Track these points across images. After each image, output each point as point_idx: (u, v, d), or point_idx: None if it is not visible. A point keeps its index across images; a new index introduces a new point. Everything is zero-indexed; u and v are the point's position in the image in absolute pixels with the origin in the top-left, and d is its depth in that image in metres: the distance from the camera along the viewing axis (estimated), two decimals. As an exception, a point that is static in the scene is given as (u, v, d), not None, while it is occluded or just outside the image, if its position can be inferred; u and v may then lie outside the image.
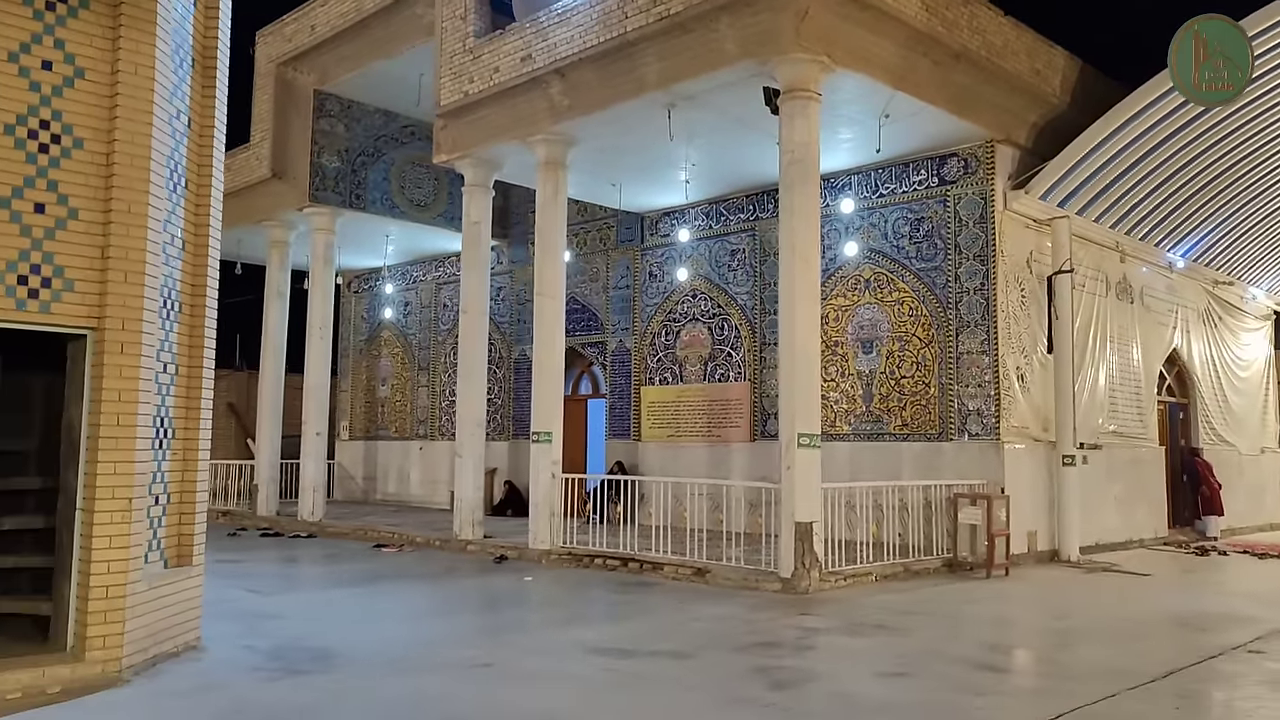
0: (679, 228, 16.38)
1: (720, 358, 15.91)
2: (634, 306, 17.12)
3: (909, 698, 6.15)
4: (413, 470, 20.96)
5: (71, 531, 6.20)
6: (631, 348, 17.09)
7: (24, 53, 5.94)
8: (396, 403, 21.63)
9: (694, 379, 16.23)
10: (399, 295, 21.71)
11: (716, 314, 16.01)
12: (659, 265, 16.87)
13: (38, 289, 5.93)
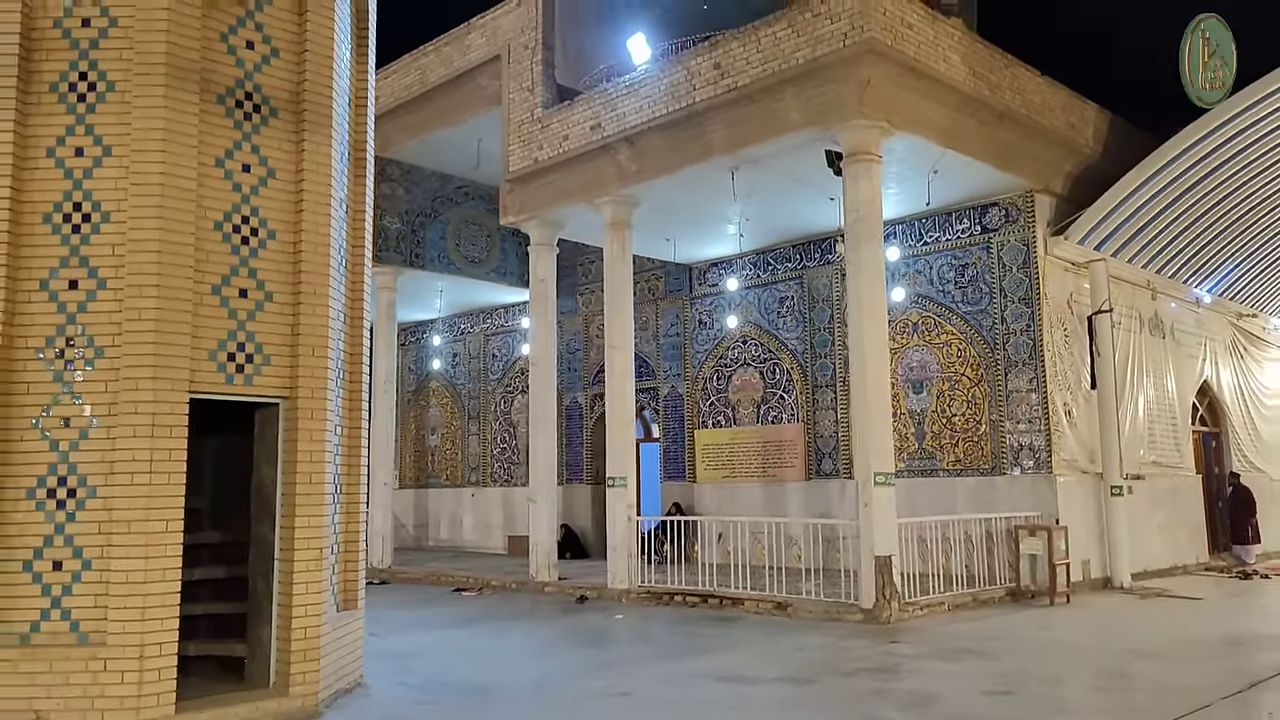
0: (727, 277, 17.06)
1: (773, 400, 16.56)
2: (685, 353, 17.79)
3: (1019, 714, 6.80)
4: (465, 516, 21.52)
5: (268, 580, 6.89)
6: (684, 393, 17.75)
7: (228, 158, 6.75)
8: (447, 451, 22.23)
9: (747, 421, 16.86)
10: (447, 347, 22.39)
11: (767, 358, 16.71)
12: (708, 313, 17.55)
13: (243, 364, 6.70)
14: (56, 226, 6.34)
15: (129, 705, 5.95)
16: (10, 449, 6.12)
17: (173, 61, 6.46)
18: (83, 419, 6.20)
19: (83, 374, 6.24)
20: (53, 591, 6.08)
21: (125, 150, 6.38)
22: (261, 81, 6.97)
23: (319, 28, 7.21)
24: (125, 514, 6.09)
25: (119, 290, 6.28)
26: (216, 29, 6.76)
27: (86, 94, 6.46)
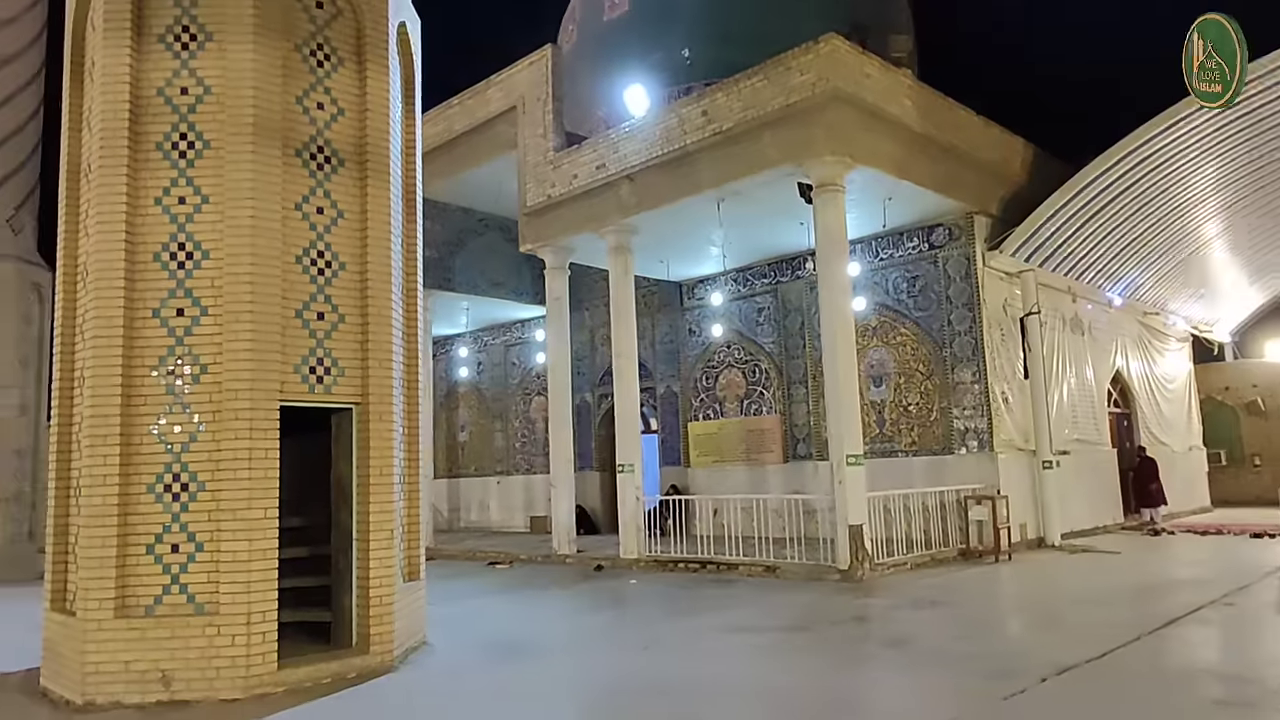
0: (712, 291, 17.06)
1: (754, 396, 16.67)
2: (678, 357, 17.85)
3: (986, 649, 6.99)
4: (492, 501, 21.58)
5: (348, 557, 7.03)
6: (678, 391, 17.84)
7: (305, 202, 6.90)
8: (475, 445, 22.27)
9: (732, 414, 16.95)
10: (472, 357, 22.47)
11: (748, 360, 16.83)
12: (697, 323, 17.60)
13: (322, 376, 6.85)
14: (165, 263, 6.48)
15: (239, 664, 6.10)
16: (132, 452, 6.28)
17: (258, 122, 6.63)
18: (192, 425, 6.35)
19: (190, 387, 6.39)
20: (172, 570, 6.23)
21: (221, 198, 6.54)
22: (331, 137, 7.11)
23: (376, 91, 7.36)
24: (230, 503, 6.24)
25: (219, 316, 6.43)
26: (293, 93, 6.91)
27: (187, 151, 6.61)
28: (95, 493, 6.21)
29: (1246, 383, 22.89)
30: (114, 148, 6.50)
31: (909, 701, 5.56)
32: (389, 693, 6.25)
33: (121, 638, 6.08)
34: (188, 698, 6.02)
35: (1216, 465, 21.73)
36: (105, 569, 6.13)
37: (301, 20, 7.03)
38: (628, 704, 5.77)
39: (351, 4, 7.31)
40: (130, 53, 6.60)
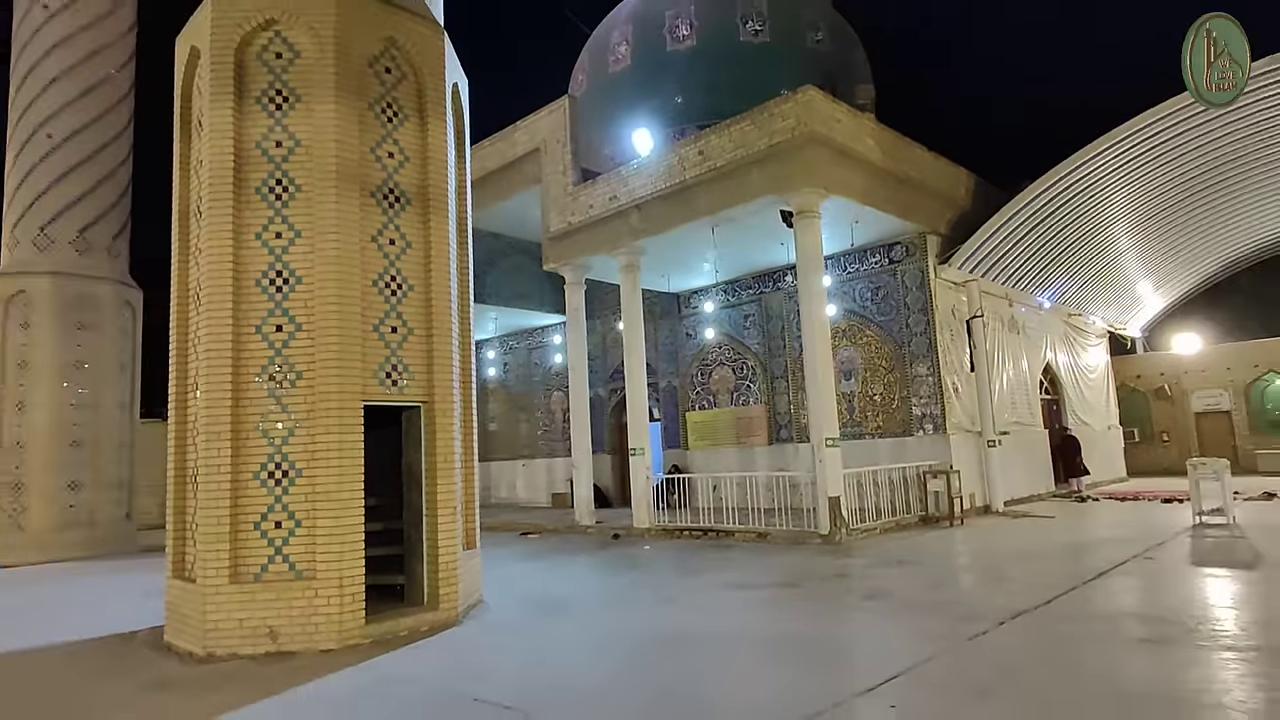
0: (705, 301, 17.33)
1: (742, 389, 16.87)
2: (677, 357, 18.00)
3: (950, 598, 7.20)
4: (518, 481, 21.73)
5: (419, 530, 7.21)
6: (677, 385, 17.99)
7: (379, 235, 7.05)
8: (503, 434, 22.40)
9: (724, 404, 17.14)
10: (499, 358, 22.61)
11: (737, 359, 17.01)
12: (693, 328, 17.79)
13: (396, 379, 7.02)
14: (265, 288, 6.64)
15: (334, 620, 6.28)
16: (241, 446, 6.44)
17: (340, 169, 6.80)
18: (290, 422, 6.51)
19: (288, 391, 6.54)
20: (276, 543, 6.39)
21: (311, 232, 6.69)
22: (399, 180, 7.27)
23: (435, 142, 7.52)
24: (324, 487, 6.41)
25: (311, 332, 6.59)
26: (368, 144, 7.07)
27: (281, 194, 6.77)
28: (211, 480, 6.38)
29: (1155, 371, 23.16)
30: (221, 192, 6.67)
31: (891, 643, 5.71)
32: (456, 642, 6.41)
33: (235, 600, 6.25)
34: (291, 649, 6.19)
35: (1131, 441, 22.01)
36: (220, 543, 6.30)
37: (374, 83, 7.20)
38: (657, 649, 5.93)
39: (414, 69, 7.48)
40: (233, 113, 6.76)
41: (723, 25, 18.43)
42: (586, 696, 4.86)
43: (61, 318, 15.49)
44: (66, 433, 15.37)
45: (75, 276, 15.73)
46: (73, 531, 15.26)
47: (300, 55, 6.90)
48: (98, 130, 16.38)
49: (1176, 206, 16.22)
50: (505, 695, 4.86)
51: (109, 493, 15.87)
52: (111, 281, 16.29)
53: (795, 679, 4.94)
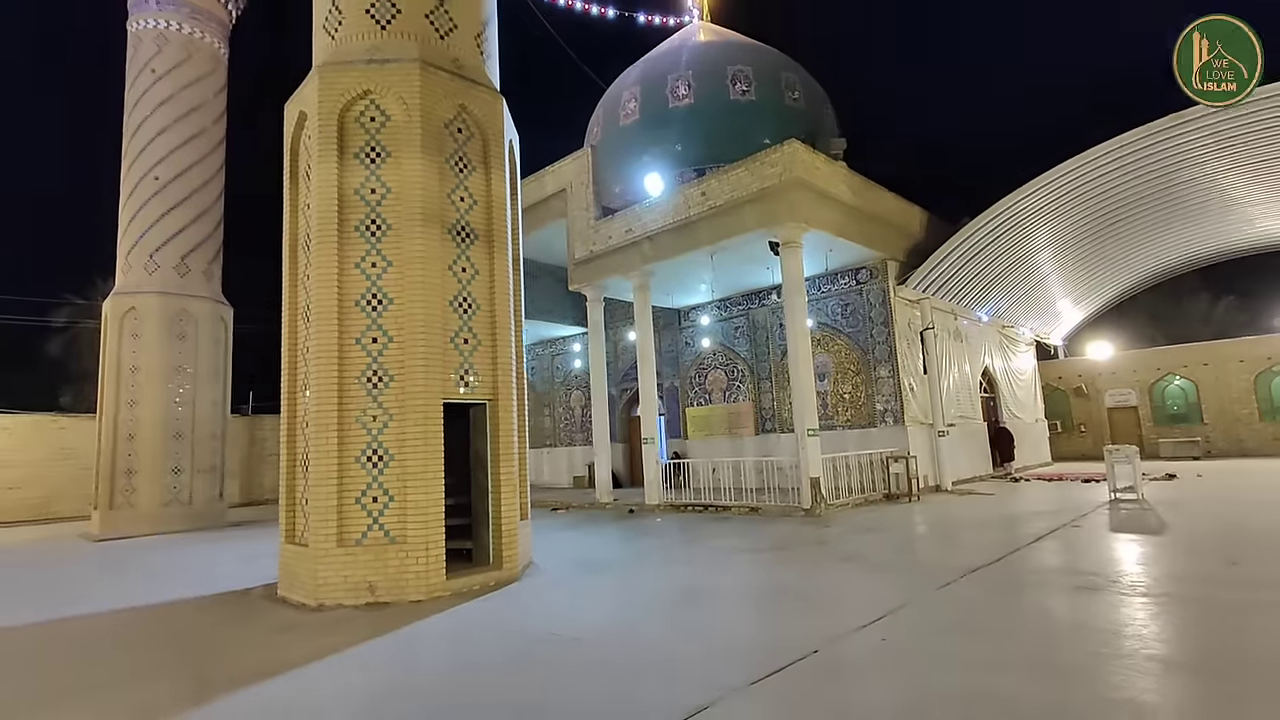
0: (702, 315, 17.67)
1: (733, 388, 17.17)
2: (678, 362, 18.26)
3: (915, 559, 7.47)
4: (544, 465, 21.91)
5: (484, 504, 7.48)
6: (678, 385, 18.23)
7: (454, 264, 7.35)
8: (531, 426, 22.58)
9: (718, 401, 17.40)
10: (528, 363, 22.84)
11: (728, 364, 17.30)
12: (691, 337, 18.09)
13: (468, 381, 7.32)
14: (363, 308, 6.94)
15: (421, 577, 6.56)
16: (346, 435, 6.72)
17: (424, 211, 7.11)
18: (385, 416, 6.80)
19: (383, 391, 6.84)
20: (373, 514, 6.67)
21: (400, 263, 7.00)
22: (469, 220, 7.58)
23: (497, 188, 7.84)
24: (413, 468, 6.69)
25: (401, 343, 6.90)
26: (445, 191, 7.38)
27: (376, 231, 7.07)
28: (321, 464, 6.67)
29: (1073, 373, 23.54)
30: (327, 230, 6.97)
31: (871, 592, 5.99)
32: (520, 594, 6.69)
33: (341, 560, 6.54)
34: (386, 600, 6.48)
35: (1055, 432, 22.33)
36: (329, 514, 6.59)
37: (449, 142, 7.52)
38: (682, 598, 6.22)
39: (480, 129, 7.80)
40: (337, 166, 7.07)
41: (715, 87, 18.78)
42: (631, 633, 5.16)
43: (166, 330, 15.74)
44: (169, 426, 15.61)
45: (177, 295, 15.99)
46: (174, 508, 15.49)
47: (391, 119, 7.22)
48: (196, 173, 16.66)
49: (1089, 238, 16.61)
50: (569, 631, 5.17)
51: (203, 476, 16.10)
52: (207, 300, 16.54)
53: (798, 621, 5.25)
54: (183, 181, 16.41)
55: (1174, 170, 13.81)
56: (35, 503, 19.92)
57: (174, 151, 16.39)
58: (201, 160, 16.81)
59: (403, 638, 5.38)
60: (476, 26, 8.07)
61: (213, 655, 5.19)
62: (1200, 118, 12.04)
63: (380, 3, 7.48)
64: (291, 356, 7.47)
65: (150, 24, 16.72)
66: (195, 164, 16.68)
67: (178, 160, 16.42)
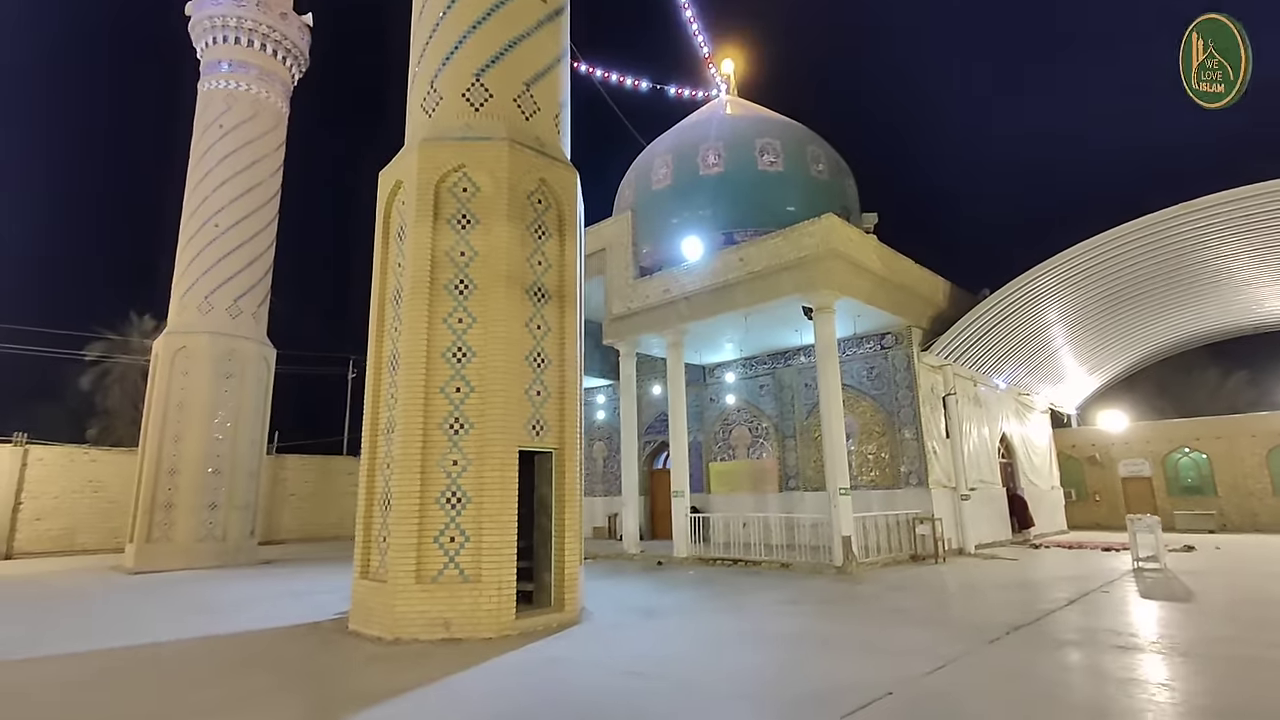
0: (727, 372, 18.25)
1: (756, 445, 17.55)
2: (703, 417, 18.68)
3: (959, 616, 7.73)
4: (563, 515, 22.13)
5: (548, 548, 7.89)
6: (702, 440, 18.63)
7: (530, 322, 7.96)
8: (551, 476, 22.88)
9: (741, 456, 17.84)
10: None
11: (753, 421, 17.74)
12: (716, 394, 18.57)
13: (539, 430, 7.83)
14: (448, 359, 7.52)
15: (493, 615, 6.93)
16: (428, 478, 7.20)
17: (508, 273, 7.77)
18: (464, 461, 7.29)
19: (463, 437, 7.35)
20: (449, 553, 7.09)
21: (484, 319, 7.61)
22: (544, 282, 8.24)
23: (569, 253, 8.52)
24: (489, 511, 7.14)
25: (482, 393, 7.44)
26: (525, 255, 8.07)
27: (463, 290, 7.72)
28: (403, 503, 7.14)
29: (1087, 442, 23.88)
30: (420, 287, 7.63)
31: (925, 644, 6.30)
32: (586, 635, 7.02)
33: (418, 596, 6.93)
34: (460, 636, 6.84)
35: (1070, 500, 22.54)
36: (409, 552, 7.02)
37: (530, 211, 8.26)
38: (743, 642, 6.56)
39: (556, 200, 8.56)
40: (430, 230, 7.79)
41: (745, 157, 19.87)
42: (702, 672, 5.52)
43: (214, 369, 16.36)
44: (209, 462, 16.05)
45: (228, 336, 16.68)
46: (207, 544, 15.78)
47: (481, 190, 7.98)
48: (251, 222, 17.60)
49: (1102, 312, 17.27)
50: (649, 668, 5.54)
51: (238, 513, 16.43)
52: (254, 341, 17.23)
53: (865, 666, 5.62)
54: (240, 229, 17.34)
55: (1184, 253, 14.58)
56: (57, 534, 20.17)
57: (234, 201, 17.37)
58: (258, 210, 17.78)
59: (491, 669, 5.75)
60: (555, 109, 8.94)
61: (318, 682, 5.56)
62: (1209, 207, 12.87)
63: (475, 88, 8.35)
64: (374, 402, 8.01)
65: (221, 84, 17.97)
66: (252, 213, 17.64)
67: (237, 209, 17.38)
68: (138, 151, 44.48)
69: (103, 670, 6.02)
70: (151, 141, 45.25)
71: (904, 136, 49.23)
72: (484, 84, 8.35)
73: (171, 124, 23.05)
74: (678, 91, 24.78)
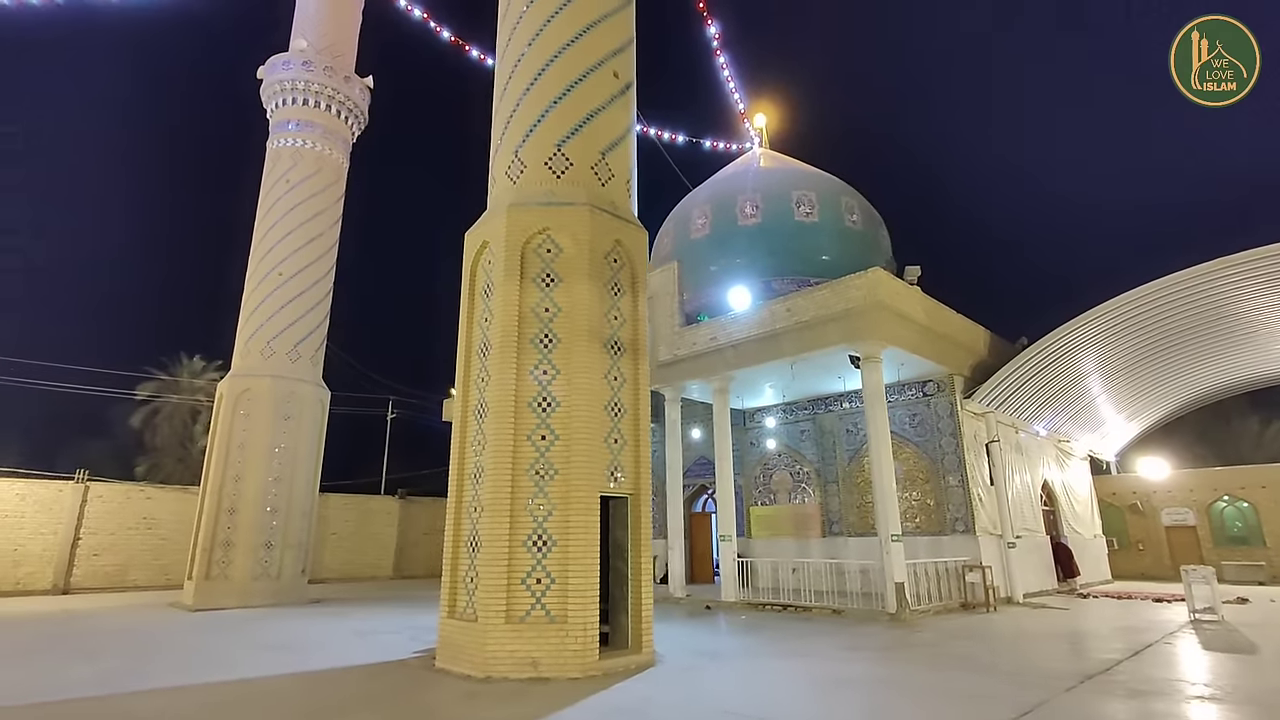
0: (767, 417, 18.57)
1: (798, 489, 17.71)
2: (743, 461, 18.84)
3: (1026, 665, 7.82)
4: (600, 558, 22.25)
5: (623, 590, 8.21)
6: (743, 485, 18.74)
7: (608, 374, 8.42)
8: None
9: (783, 501, 18.00)
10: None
11: (794, 465, 17.92)
12: (757, 438, 18.83)
13: (617, 477, 8.24)
14: (534, 409, 7.99)
15: (578, 655, 7.23)
16: (516, 522, 7.60)
17: (588, 328, 8.29)
18: (549, 505, 7.68)
19: (548, 483, 7.76)
20: (536, 594, 7.42)
21: (567, 371, 8.09)
22: (619, 335, 8.74)
23: (640, 309, 9.03)
24: (574, 554, 7.49)
25: (566, 441, 7.87)
26: (603, 311, 8.58)
27: (547, 344, 8.24)
28: (493, 546, 7.53)
29: (1128, 490, 23.65)
30: (508, 341, 8.17)
31: (1002, 690, 6.46)
32: (665, 676, 7.27)
33: (507, 636, 7.26)
34: (548, 675, 7.14)
35: (1112, 549, 22.22)
36: (499, 593, 7.38)
37: (607, 270, 8.82)
38: (828, 685, 6.80)
39: (629, 259, 9.13)
40: (517, 288, 8.37)
41: (781, 208, 20.59)
42: (794, 716, 5.77)
43: (275, 411, 17.03)
44: (267, 501, 16.58)
45: (289, 380, 17.40)
46: (262, 582, 16.19)
47: (563, 251, 8.58)
48: (312, 270, 18.52)
49: (1140, 362, 17.42)
50: (738, 708, 5.81)
51: (292, 552, 16.87)
52: (312, 384, 17.95)
53: (949, 711, 5.84)
54: (301, 277, 18.24)
55: (1221, 305, 14.82)
56: (111, 571, 20.71)
57: (297, 251, 18.33)
58: (319, 259, 18.72)
59: (590, 707, 6.06)
60: (626, 174, 9.61)
61: (420, 717, 5.88)
62: (1246, 262, 13.19)
63: (556, 157, 9.05)
64: (461, 448, 8.49)
65: (288, 142, 19.14)
66: (313, 262, 18.57)
67: (300, 258, 18.32)
68: (197, 204, 47.11)
69: (215, 705, 6.40)
70: (210, 196, 48.01)
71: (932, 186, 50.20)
72: (564, 153, 9.04)
73: (226, 179, 24.62)
74: (713, 144, 25.78)
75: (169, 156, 46.80)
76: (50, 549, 19.71)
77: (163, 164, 46.01)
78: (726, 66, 24.13)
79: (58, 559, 19.71)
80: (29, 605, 16.02)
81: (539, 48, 9.39)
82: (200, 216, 47.12)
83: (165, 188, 46.94)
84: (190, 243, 46.92)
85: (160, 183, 46.29)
